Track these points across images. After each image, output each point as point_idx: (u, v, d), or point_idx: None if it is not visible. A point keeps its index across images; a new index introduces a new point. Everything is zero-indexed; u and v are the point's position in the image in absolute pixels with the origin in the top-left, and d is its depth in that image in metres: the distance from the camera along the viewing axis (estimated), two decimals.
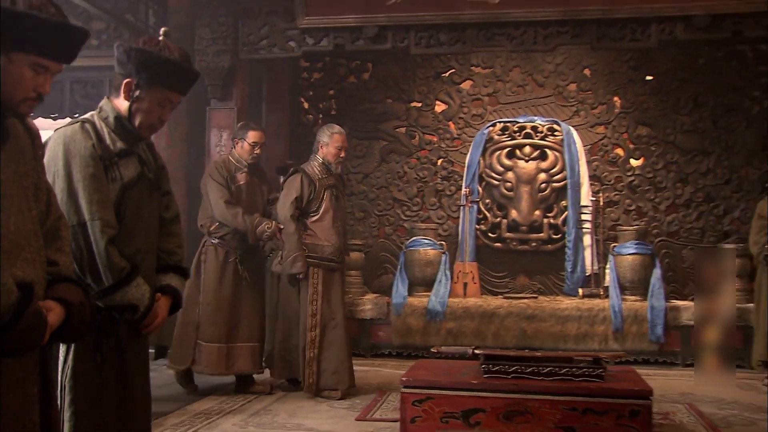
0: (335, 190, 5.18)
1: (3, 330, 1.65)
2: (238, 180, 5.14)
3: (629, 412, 3.50)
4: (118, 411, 2.42)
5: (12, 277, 1.70)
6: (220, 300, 5.05)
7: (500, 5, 5.89)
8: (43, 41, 1.83)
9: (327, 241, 5.05)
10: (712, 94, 7.18)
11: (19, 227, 1.81)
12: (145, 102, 2.48)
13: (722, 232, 7.11)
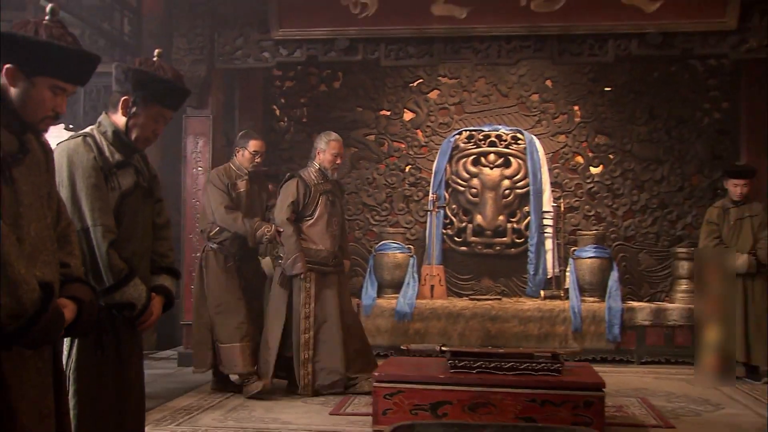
0: (331, 196, 5.32)
1: (28, 324, 1.87)
2: (238, 187, 5.28)
3: (584, 403, 3.80)
4: (116, 399, 2.64)
5: (33, 278, 1.92)
6: (227, 302, 5.19)
7: (466, 20, 6.15)
8: (62, 66, 2.06)
9: (321, 246, 5.20)
10: (666, 106, 7.50)
11: (38, 233, 2.03)
12: (141, 117, 2.70)
13: (675, 236, 7.45)
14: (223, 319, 5.16)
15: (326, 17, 6.26)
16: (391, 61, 6.39)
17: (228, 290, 5.22)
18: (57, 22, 2.13)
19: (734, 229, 6.06)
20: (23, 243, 1.93)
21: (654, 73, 7.51)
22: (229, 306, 5.18)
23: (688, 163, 7.51)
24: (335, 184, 5.48)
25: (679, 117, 7.52)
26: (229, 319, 5.16)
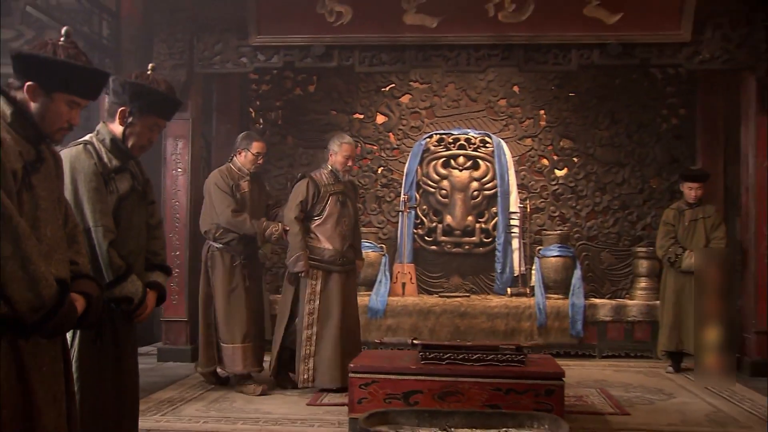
0: (341, 197, 5.42)
1: (47, 316, 2.10)
2: (242, 188, 5.39)
3: (545, 391, 4.08)
4: (113, 386, 2.86)
5: (51, 275, 2.14)
6: (233, 302, 5.29)
7: (437, 29, 6.39)
8: (78, 83, 2.29)
9: (328, 245, 5.31)
10: (627, 111, 7.83)
11: (53, 234, 2.26)
12: (137, 126, 2.93)
13: (635, 236, 7.78)
14: (228, 320, 5.26)
15: (303, 25, 6.45)
16: (365, 67, 6.62)
17: (234, 290, 5.31)
18: (71, 43, 2.36)
19: (689, 230, 6.38)
20: (41, 243, 2.15)
21: (616, 81, 7.83)
22: (234, 306, 5.28)
23: (648, 166, 7.85)
24: (348, 185, 5.58)
25: (639, 122, 7.85)
26: (233, 320, 5.26)
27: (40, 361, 2.19)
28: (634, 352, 7.06)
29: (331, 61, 6.59)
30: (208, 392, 5.28)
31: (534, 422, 3.41)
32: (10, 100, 2.23)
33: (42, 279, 2.07)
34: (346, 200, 5.48)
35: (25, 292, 2.03)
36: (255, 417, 4.54)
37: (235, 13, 6.57)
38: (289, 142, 8.07)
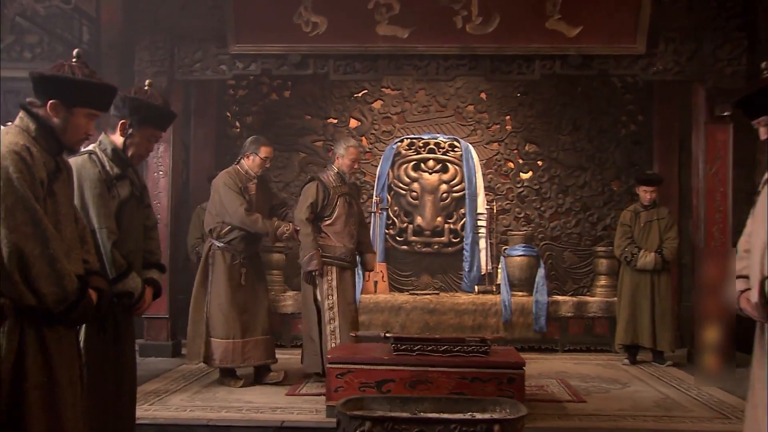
0: (348, 197, 5.68)
1: (70, 308, 2.40)
2: (250, 190, 5.60)
3: (507, 379, 4.44)
4: (114, 371, 3.16)
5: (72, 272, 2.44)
6: (230, 300, 5.46)
7: (408, 40, 6.70)
8: (94, 97, 2.61)
9: (339, 243, 5.56)
10: (588, 118, 8.23)
11: (71, 235, 2.56)
12: (137, 137, 3.23)
13: (596, 236, 8.18)
14: (221, 315, 5.44)
15: (280, 34, 6.70)
16: (340, 75, 6.91)
17: (231, 288, 5.49)
18: (83, 63, 2.67)
19: (644, 231, 6.80)
20: (63, 243, 2.45)
21: (578, 89, 8.21)
22: (229, 303, 5.46)
23: (608, 170, 8.25)
24: (352, 186, 5.85)
25: (600, 128, 8.25)
26: (226, 316, 5.44)
27: (60, 347, 2.49)
28: (594, 346, 7.45)
29: (307, 69, 6.86)
30: (190, 384, 5.56)
31: (496, 407, 3.73)
32: (33, 116, 2.54)
33: (66, 275, 2.37)
34: (352, 201, 5.74)
35: (52, 286, 2.34)
36: (238, 406, 4.84)
37: (215, 22, 6.80)
38: None
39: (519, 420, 3.50)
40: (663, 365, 6.63)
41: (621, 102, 8.25)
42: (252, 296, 5.60)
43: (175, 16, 6.87)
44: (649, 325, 6.65)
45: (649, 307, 6.66)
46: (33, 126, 2.54)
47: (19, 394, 2.35)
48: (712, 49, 6.54)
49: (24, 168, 2.38)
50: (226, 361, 5.44)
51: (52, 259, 2.35)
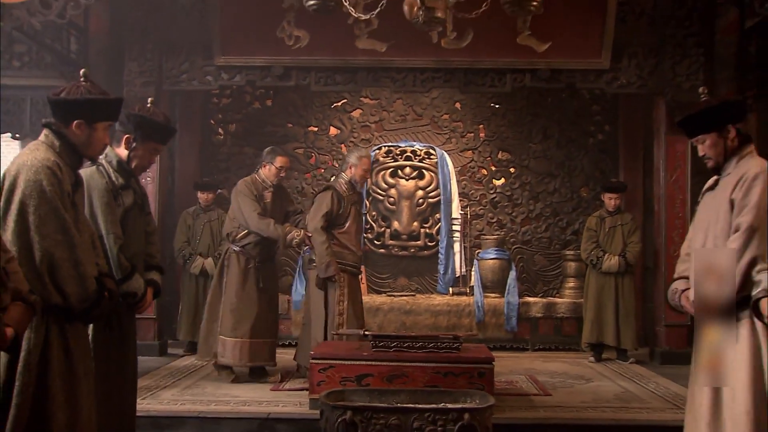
0: (358, 206, 5.89)
1: (90, 306, 2.72)
2: (265, 198, 5.87)
3: (477, 374, 4.77)
4: (119, 363, 3.45)
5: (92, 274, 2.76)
6: (242, 301, 5.70)
7: (386, 53, 7.04)
8: (110, 111, 2.93)
9: (350, 250, 5.74)
10: (558, 127, 8.60)
11: (88, 241, 2.86)
12: (140, 151, 3.54)
13: (565, 241, 8.56)
14: (233, 315, 5.69)
15: (264, 47, 7.02)
16: (321, 86, 7.24)
17: (244, 290, 5.74)
18: (91, 81, 2.99)
19: (609, 235, 7.19)
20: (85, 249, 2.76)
21: (548, 99, 8.59)
22: (242, 305, 5.70)
23: (576, 177, 8.63)
24: (360, 195, 6.04)
25: (569, 137, 8.63)
26: (238, 316, 5.69)
27: (78, 342, 2.80)
28: (563, 345, 7.83)
29: (290, 81, 7.19)
30: (179, 381, 5.84)
31: (467, 398, 4.08)
32: (58, 134, 2.85)
33: (88, 277, 2.70)
34: (360, 209, 5.98)
35: (76, 287, 2.66)
36: (225, 400, 5.14)
37: (201, 35, 7.11)
38: (248, 153, 8.61)
39: (487, 409, 3.84)
40: (626, 362, 7.01)
41: (589, 113, 8.64)
42: (263, 299, 5.82)
43: (163, 28, 7.16)
44: (613, 325, 7.02)
45: (614, 308, 7.04)
46: (58, 143, 2.85)
47: (45, 381, 2.65)
48: (671, 65, 6.98)
49: (55, 181, 2.70)
50: (234, 358, 5.68)
51: (77, 264, 2.67)
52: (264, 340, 5.81)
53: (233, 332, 5.70)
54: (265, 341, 5.82)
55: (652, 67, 7.07)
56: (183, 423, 4.63)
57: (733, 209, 3.24)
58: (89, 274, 2.74)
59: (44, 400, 2.67)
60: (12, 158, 2.84)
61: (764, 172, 3.21)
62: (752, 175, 3.22)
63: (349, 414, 3.76)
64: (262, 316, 5.79)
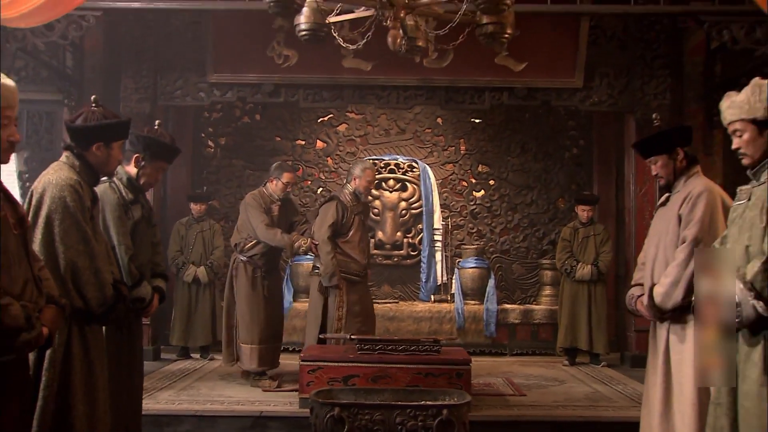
0: (362, 216, 6.14)
1: (109, 310, 3.06)
2: (273, 211, 6.14)
3: (456, 374, 5.13)
4: (127, 363, 3.78)
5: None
6: (250, 308, 6.00)
7: (371, 72, 7.39)
8: (123, 132, 3.29)
9: (354, 259, 5.99)
10: (535, 142, 8.99)
11: (105, 251, 3.20)
12: (148, 169, 3.89)
13: (542, 250, 8.93)
14: (246, 323, 6.00)
15: (254, 65, 7.36)
16: (309, 103, 7.60)
17: (253, 298, 6.03)
18: (101, 106, 3.34)
19: (582, 245, 7.57)
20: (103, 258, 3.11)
21: (525, 115, 8.98)
22: (252, 312, 6.00)
23: (553, 189, 9.02)
24: (365, 205, 6.27)
25: (546, 151, 9.02)
26: (250, 324, 5.99)
27: (95, 342, 3.14)
28: (540, 349, 8.18)
29: (279, 97, 7.54)
30: (175, 382, 6.16)
31: (446, 396, 4.43)
32: (78, 156, 3.19)
33: (107, 284, 3.04)
34: (364, 218, 6.24)
35: (96, 292, 3.00)
36: (220, 400, 5.47)
37: (195, 53, 7.45)
38: (238, 165, 8.95)
39: (464, 405, 4.20)
40: (598, 366, 7.40)
41: (564, 128, 9.04)
42: (269, 307, 6.12)
43: (158, 46, 7.49)
44: (586, 330, 7.40)
45: (587, 314, 7.42)
46: (78, 163, 3.20)
47: (67, 376, 2.99)
48: (640, 85, 7.40)
49: (77, 198, 3.05)
50: (251, 363, 6.00)
51: (96, 271, 3.01)
52: (270, 345, 6.10)
53: (247, 339, 6.01)
54: (269, 347, 6.09)
55: (623, 86, 7.48)
56: (181, 421, 4.95)
57: (680, 223, 3.63)
58: (107, 281, 3.09)
59: (66, 393, 3.01)
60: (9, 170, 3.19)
61: (707, 190, 3.61)
62: (697, 192, 3.61)
63: (337, 410, 4.10)
64: (269, 323, 6.08)
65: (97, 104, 3.43)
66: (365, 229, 6.27)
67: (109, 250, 3.42)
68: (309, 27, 4.07)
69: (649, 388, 3.74)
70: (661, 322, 3.72)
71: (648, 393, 3.75)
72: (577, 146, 9.08)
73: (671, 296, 3.56)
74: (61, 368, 2.99)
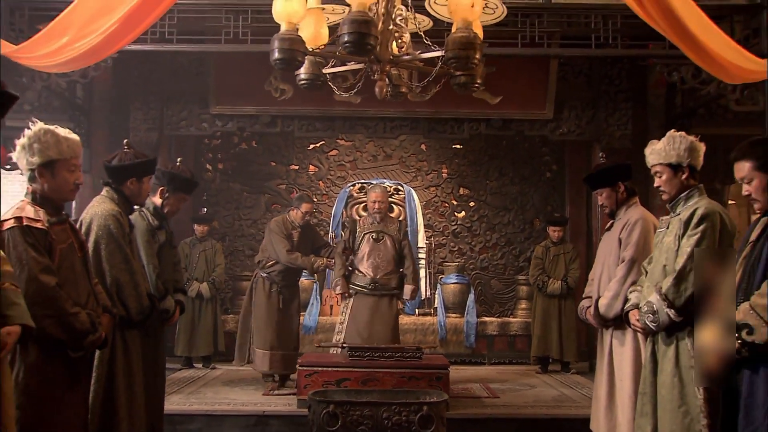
0: (377, 235, 6.70)
1: (146, 318, 3.72)
2: (293, 237, 6.90)
3: (436, 377, 5.80)
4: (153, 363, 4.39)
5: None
6: (267, 318, 6.76)
7: (360, 105, 7.82)
8: (151, 168, 3.99)
9: (362, 273, 6.64)
10: (512, 167, 9.70)
11: (140, 269, 3.87)
12: (171, 200, 4.56)
13: (518, 267, 9.61)
14: (260, 331, 6.79)
15: (253, 98, 8.00)
16: (303, 133, 8.29)
17: (268, 310, 6.79)
18: (132, 148, 4.03)
19: (553, 263, 8.27)
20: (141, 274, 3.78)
21: (503, 142, 9.68)
22: (266, 322, 6.76)
23: (528, 210, 9.72)
24: (388, 225, 6.80)
25: (522, 175, 9.73)
26: (264, 332, 6.76)
27: (134, 345, 3.80)
28: (516, 359, 8.82)
29: (276, 128, 8.22)
30: (182, 388, 6.79)
31: (426, 395, 5.08)
32: (116, 190, 3.86)
33: (144, 296, 3.71)
34: (383, 237, 6.73)
35: (135, 303, 3.67)
36: (226, 402, 6.12)
37: (198, 87, 8.12)
38: (236, 188, 9.62)
39: (442, 403, 4.85)
40: (568, 373, 8.08)
41: (539, 154, 9.75)
42: (285, 317, 6.85)
43: (165, 81, 8.16)
44: (557, 340, 8.08)
45: (557, 326, 8.09)
46: (116, 196, 3.88)
47: (112, 373, 3.65)
48: (605, 116, 8.14)
49: (119, 225, 3.72)
50: (263, 366, 6.76)
51: (136, 285, 3.68)
52: (281, 352, 6.79)
53: (260, 344, 6.79)
54: (280, 353, 6.78)
55: (589, 118, 8.22)
56: (193, 420, 5.60)
57: (621, 245, 4.34)
58: (144, 294, 3.76)
59: (111, 387, 3.67)
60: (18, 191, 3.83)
61: (642, 218, 4.32)
62: (634, 220, 4.33)
63: (332, 407, 4.74)
64: (281, 331, 6.80)
65: (129, 146, 4.12)
66: (378, 247, 6.71)
67: (143, 268, 4.09)
68: (308, 77, 4.73)
69: (597, 385, 4.44)
70: (605, 329, 4.41)
71: (596, 389, 4.45)
72: (551, 171, 9.76)
73: (612, 307, 4.25)
74: (107, 367, 3.65)
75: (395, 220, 7.20)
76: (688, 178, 3.68)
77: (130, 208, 3.99)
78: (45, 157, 3.18)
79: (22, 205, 3.16)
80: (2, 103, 2.64)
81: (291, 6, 3.53)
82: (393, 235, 6.79)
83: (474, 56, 3.75)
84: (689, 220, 3.53)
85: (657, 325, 3.51)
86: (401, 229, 6.97)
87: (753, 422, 2.76)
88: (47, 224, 3.12)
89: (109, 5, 4.56)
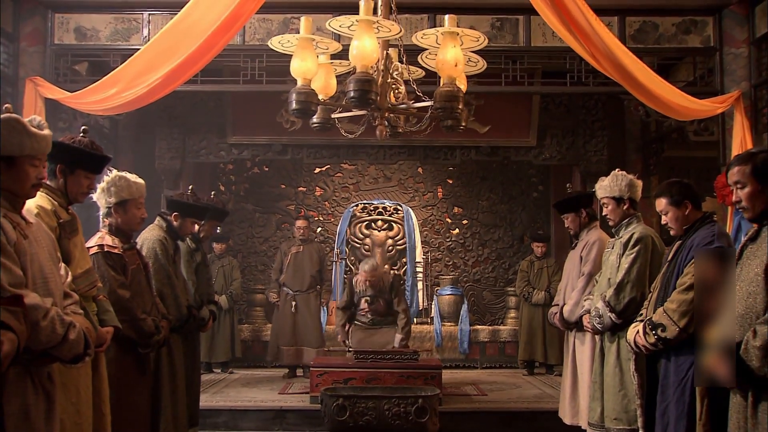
0: (371, 299, 7.32)
1: (183, 323, 4.60)
2: (293, 250, 8.39)
3: (430, 376, 6.66)
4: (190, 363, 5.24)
5: None
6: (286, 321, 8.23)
7: (362, 134, 8.74)
8: (193, 212, 4.84)
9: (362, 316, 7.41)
10: (501, 187, 10.54)
11: (182, 285, 4.76)
12: (206, 226, 5.47)
13: (508, 279, 10.41)
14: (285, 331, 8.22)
15: (266, 129, 8.93)
16: (311, 159, 9.20)
17: (283, 312, 8.32)
18: (195, 194, 4.91)
19: (537, 275, 9.11)
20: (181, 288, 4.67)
21: (493, 165, 10.48)
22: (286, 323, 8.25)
23: (517, 227, 10.55)
24: (381, 288, 7.35)
25: (510, 195, 10.56)
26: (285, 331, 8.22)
27: (176, 347, 4.67)
28: (506, 363, 9.59)
29: (287, 155, 9.12)
30: (206, 390, 7.59)
31: (421, 391, 5.95)
32: (166, 220, 4.75)
33: (183, 306, 4.60)
34: (376, 300, 7.36)
35: (175, 311, 4.55)
36: (247, 399, 6.98)
37: (217, 119, 9.03)
38: (248, 209, 10.49)
39: (434, 396, 5.73)
40: (552, 375, 8.90)
41: (526, 176, 10.58)
42: (302, 319, 8.21)
43: (186, 114, 9.06)
44: (541, 345, 8.90)
45: (542, 332, 8.90)
46: (165, 225, 4.76)
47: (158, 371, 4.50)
48: (583, 143, 9.03)
49: (163, 249, 4.60)
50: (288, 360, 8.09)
51: (176, 297, 4.56)
52: (306, 348, 8.10)
53: (286, 342, 8.06)
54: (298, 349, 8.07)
55: (569, 144, 9.12)
56: (219, 414, 6.46)
57: (581, 262, 5.22)
58: (183, 304, 4.63)
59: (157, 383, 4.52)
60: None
61: (599, 240, 5.21)
62: (592, 241, 5.21)
63: (341, 400, 5.62)
64: (302, 331, 8.17)
65: (194, 192, 5.03)
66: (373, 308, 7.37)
67: (185, 283, 4.97)
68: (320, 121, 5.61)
69: (563, 378, 5.31)
70: (569, 331, 5.28)
71: (563, 381, 5.32)
72: (537, 191, 10.59)
73: (574, 313, 5.13)
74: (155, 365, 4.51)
75: (387, 281, 7.50)
76: (628, 208, 4.57)
77: (176, 236, 4.87)
78: (119, 198, 4.05)
79: (102, 234, 4.04)
80: (101, 164, 3.52)
81: (306, 65, 4.14)
82: (385, 297, 7.39)
83: (458, 106, 4.46)
84: (627, 242, 4.41)
85: (602, 326, 4.39)
86: (393, 289, 7.44)
87: (667, 399, 3.63)
88: (121, 250, 4.00)
89: (155, 65, 5.43)
